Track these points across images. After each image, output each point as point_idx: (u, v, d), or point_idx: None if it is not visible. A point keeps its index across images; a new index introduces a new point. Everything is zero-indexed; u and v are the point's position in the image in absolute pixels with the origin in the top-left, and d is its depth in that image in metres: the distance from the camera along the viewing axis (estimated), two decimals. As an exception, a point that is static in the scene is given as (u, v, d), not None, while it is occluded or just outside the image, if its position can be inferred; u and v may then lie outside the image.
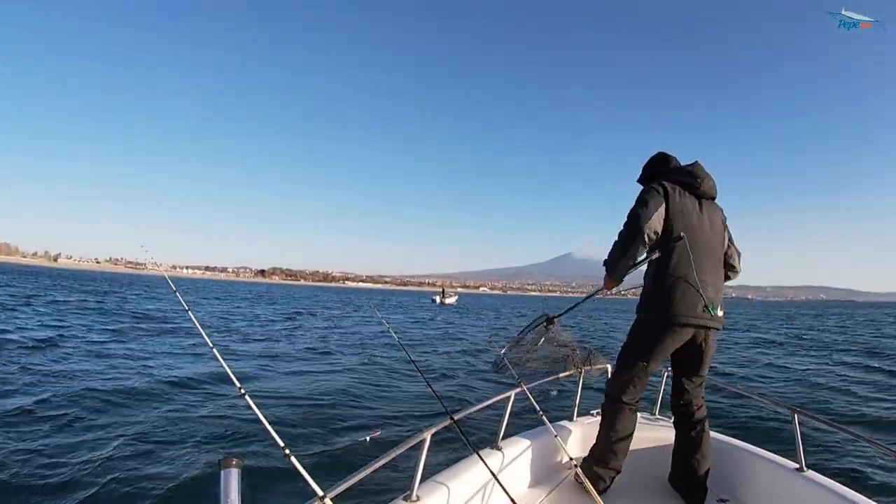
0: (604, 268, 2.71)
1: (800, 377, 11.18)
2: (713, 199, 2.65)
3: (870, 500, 2.19)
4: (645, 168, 2.82)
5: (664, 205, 2.46)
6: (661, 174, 2.66)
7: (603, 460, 2.70)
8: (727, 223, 2.71)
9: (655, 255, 2.50)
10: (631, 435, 2.75)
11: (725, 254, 2.68)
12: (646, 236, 2.45)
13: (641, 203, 2.47)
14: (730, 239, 2.73)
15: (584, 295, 3.18)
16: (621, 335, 3.50)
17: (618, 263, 2.59)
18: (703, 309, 2.42)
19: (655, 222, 2.44)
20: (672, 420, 2.92)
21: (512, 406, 2.90)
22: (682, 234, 2.42)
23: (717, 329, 2.53)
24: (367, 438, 3.58)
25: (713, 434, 3.23)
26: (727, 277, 2.76)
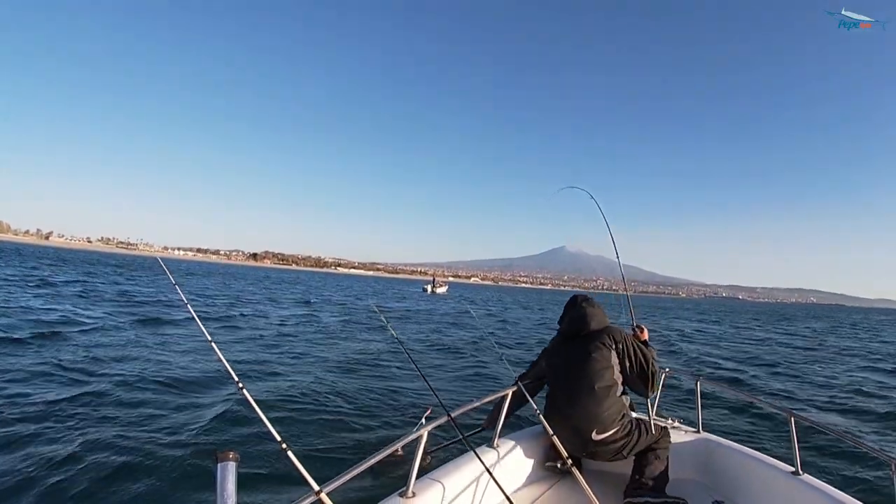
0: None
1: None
2: (590, 333, 2.93)
3: None
4: (562, 313, 3.18)
5: (545, 362, 3.08)
6: (562, 321, 3.12)
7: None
8: (622, 347, 2.89)
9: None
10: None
11: (630, 377, 2.91)
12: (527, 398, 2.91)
13: (527, 372, 3.15)
14: (631, 361, 2.89)
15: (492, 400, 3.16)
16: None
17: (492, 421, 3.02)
18: (568, 445, 2.64)
19: (537, 384, 3.10)
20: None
21: (510, 402, 2.90)
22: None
23: (594, 451, 2.81)
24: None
25: (709, 436, 3.27)
26: (643, 396, 3.05)
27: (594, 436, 2.72)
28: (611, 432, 2.74)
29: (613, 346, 2.87)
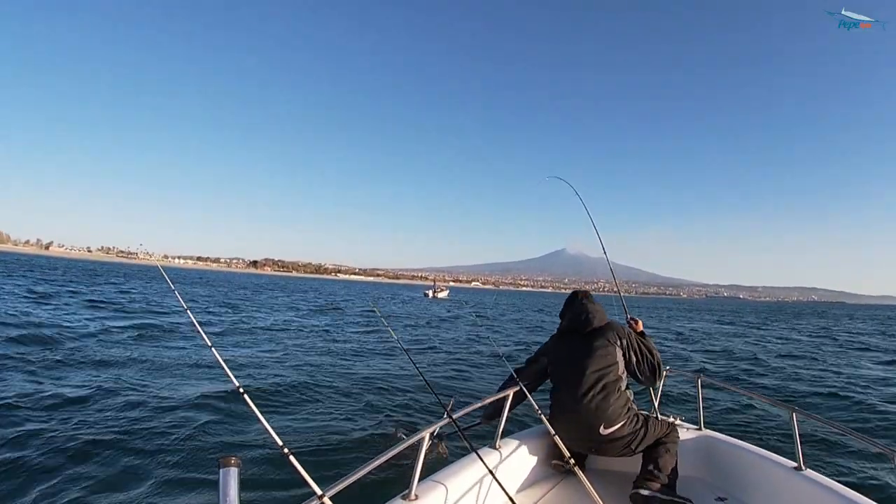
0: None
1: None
2: (594, 330, 3.00)
3: (868, 500, 2.20)
4: (563, 308, 3.26)
5: (547, 360, 3.10)
6: (564, 318, 3.20)
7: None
8: (626, 342, 2.97)
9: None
10: None
11: (633, 370, 2.97)
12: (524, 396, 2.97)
13: (524, 368, 3.17)
14: (636, 354, 2.97)
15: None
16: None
17: (489, 417, 3.14)
18: (575, 437, 2.75)
19: (535, 381, 3.12)
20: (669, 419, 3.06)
21: (510, 405, 2.91)
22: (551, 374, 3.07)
23: (603, 444, 2.84)
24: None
25: (711, 433, 3.28)
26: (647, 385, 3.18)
27: (602, 430, 2.76)
28: (617, 426, 2.78)
29: (618, 343, 2.94)
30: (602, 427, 2.76)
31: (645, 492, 2.65)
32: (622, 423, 2.79)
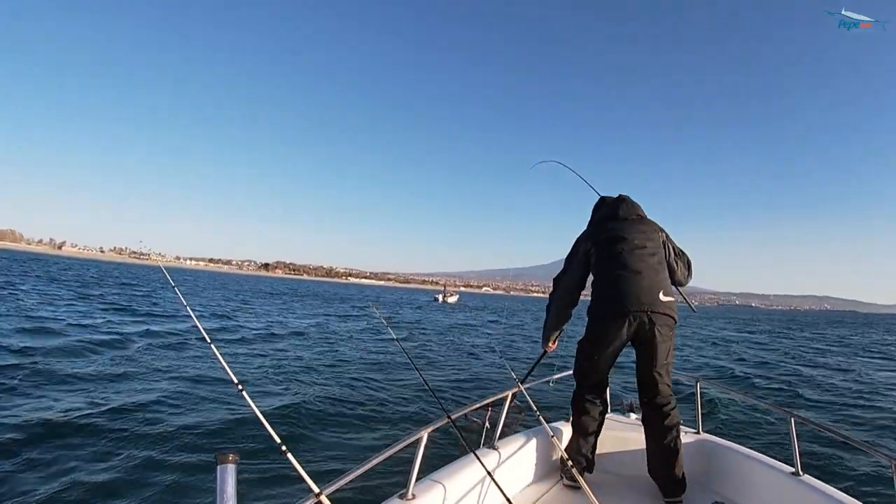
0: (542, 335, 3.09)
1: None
2: (638, 217, 2.95)
3: None
4: (592, 214, 3.15)
5: (589, 244, 2.90)
6: (597, 213, 3.09)
7: (571, 456, 2.74)
8: (665, 235, 2.94)
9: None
10: (594, 430, 2.89)
11: (672, 263, 2.91)
12: (572, 296, 2.93)
13: (564, 269, 2.98)
14: (673, 251, 2.94)
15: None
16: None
17: (551, 331, 3.03)
18: (635, 299, 2.62)
19: (580, 274, 2.92)
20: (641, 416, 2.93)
21: (509, 405, 2.91)
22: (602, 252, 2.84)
23: (659, 313, 2.64)
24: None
25: (709, 437, 3.25)
26: (679, 283, 3.02)
27: (661, 296, 2.66)
28: (672, 298, 2.71)
29: (660, 234, 2.91)
30: (661, 294, 2.67)
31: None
32: (673, 298, 2.73)
